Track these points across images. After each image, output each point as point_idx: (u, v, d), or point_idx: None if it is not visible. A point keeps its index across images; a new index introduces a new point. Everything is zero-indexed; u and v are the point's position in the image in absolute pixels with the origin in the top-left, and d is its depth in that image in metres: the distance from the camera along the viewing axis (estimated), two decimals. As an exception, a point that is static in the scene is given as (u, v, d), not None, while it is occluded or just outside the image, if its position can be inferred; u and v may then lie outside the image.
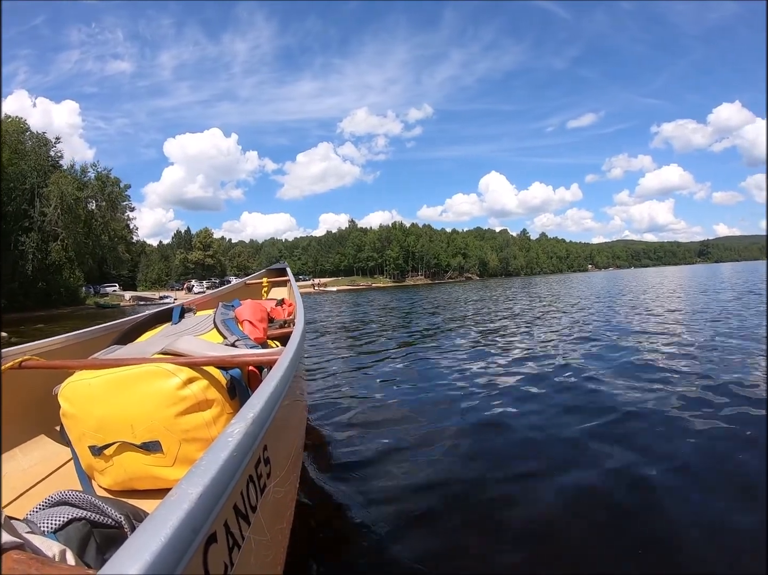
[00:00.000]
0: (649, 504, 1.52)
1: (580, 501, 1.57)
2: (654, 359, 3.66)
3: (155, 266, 65.96)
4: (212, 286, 53.77)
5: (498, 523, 1.44)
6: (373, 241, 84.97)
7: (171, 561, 0.35)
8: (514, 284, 31.00)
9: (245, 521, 0.54)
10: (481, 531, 1.41)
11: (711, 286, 13.20)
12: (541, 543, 1.35)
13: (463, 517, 1.49)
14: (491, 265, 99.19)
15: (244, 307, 1.54)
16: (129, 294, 42.60)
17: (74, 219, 31.88)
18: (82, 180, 35.17)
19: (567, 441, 2.07)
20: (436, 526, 1.44)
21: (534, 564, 1.27)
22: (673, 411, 2.37)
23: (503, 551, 1.31)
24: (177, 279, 63.46)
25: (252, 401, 0.66)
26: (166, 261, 68.65)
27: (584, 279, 34.76)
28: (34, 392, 1.36)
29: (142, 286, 61.05)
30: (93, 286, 41.89)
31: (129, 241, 47.68)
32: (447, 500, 1.59)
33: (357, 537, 1.40)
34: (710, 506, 1.48)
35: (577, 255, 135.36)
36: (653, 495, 1.57)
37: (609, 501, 1.55)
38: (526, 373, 3.41)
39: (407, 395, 3.02)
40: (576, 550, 1.32)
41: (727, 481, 1.64)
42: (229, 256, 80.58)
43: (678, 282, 18.10)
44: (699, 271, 34.42)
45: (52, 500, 0.71)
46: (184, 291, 51.40)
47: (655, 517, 1.43)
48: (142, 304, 36.64)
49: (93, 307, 32.32)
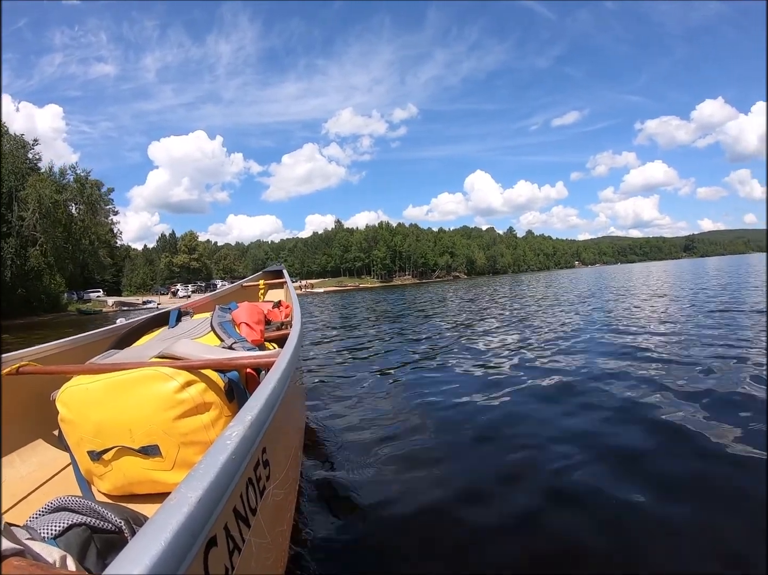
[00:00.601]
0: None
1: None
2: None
3: (140, 271, 64.85)
4: (198, 289, 53.11)
5: (495, 529, 1.42)
6: (360, 241, 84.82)
7: (172, 565, 0.35)
8: (507, 281, 30.79)
9: (245, 524, 0.54)
10: (485, 532, 1.40)
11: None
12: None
13: (467, 517, 1.48)
14: (479, 263, 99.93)
15: (241, 309, 1.54)
16: (112, 300, 41.84)
17: (53, 223, 30.92)
18: (61, 183, 34.13)
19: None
20: (439, 527, 1.45)
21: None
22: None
23: (505, 552, 1.31)
24: (162, 283, 62.53)
25: (250, 404, 0.66)
26: (151, 265, 67.55)
27: (573, 276, 35.03)
28: (32, 397, 1.36)
29: (127, 291, 59.96)
30: (76, 292, 40.92)
31: (113, 245, 46.66)
32: (451, 500, 1.59)
33: (358, 537, 1.40)
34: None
35: (563, 252, 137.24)
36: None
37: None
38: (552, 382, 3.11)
39: (404, 394, 3.02)
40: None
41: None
42: (215, 259, 79.62)
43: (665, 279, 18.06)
44: (685, 267, 34.83)
45: (51, 506, 0.71)
46: (169, 296, 50.47)
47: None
48: (125, 310, 36.01)
49: (75, 313, 31.49)
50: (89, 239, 35.33)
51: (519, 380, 3.13)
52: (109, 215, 39.25)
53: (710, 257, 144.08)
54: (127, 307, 38.21)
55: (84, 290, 43.84)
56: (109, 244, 42.52)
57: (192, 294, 48.19)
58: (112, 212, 39.91)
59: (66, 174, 35.34)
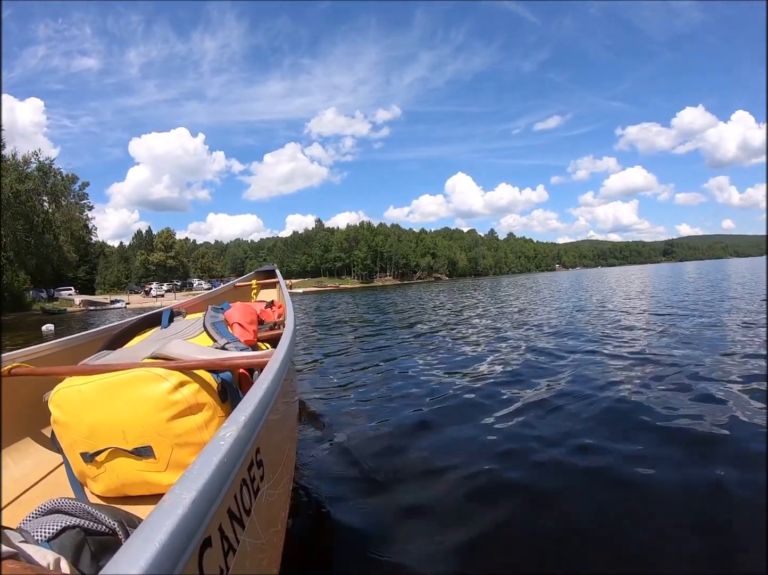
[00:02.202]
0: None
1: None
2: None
3: (114, 269, 62.20)
4: (173, 288, 51.38)
5: (495, 528, 1.45)
6: (341, 241, 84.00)
7: (166, 567, 0.35)
8: (492, 284, 30.77)
9: (239, 524, 0.54)
10: (480, 533, 1.41)
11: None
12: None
13: (462, 516, 1.50)
14: (460, 265, 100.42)
15: (234, 309, 1.53)
16: (80, 299, 38.93)
17: (14, 215, 28.79)
18: (25, 172, 31.70)
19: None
20: (434, 526, 1.46)
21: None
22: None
23: (503, 554, 1.34)
24: (138, 282, 60.00)
25: (243, 404, 0.66)
26: (126, 263, 65.00)
27: (554, 279, 35.66)
28: (24, 399, 1.34)
29: (100, 289, 57.38)
30: (46, 289, 38.31)
31: (88, 242, 44.57)
32: (444, 499, 1.61)
33: (353, 537, 1.41)
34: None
35: (544, 255, 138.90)
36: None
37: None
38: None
39: (400, 394, 3.06)
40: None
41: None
42: (193, 257, 77.47)
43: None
44: (664, 271, 35.20)
45: (44, 508, 0.70)
46: (142, 294, 48.38)
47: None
48: (92, 309, 34.09)
49: (39, 312, 29.41)
50: (53, 233, 33.02)
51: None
52: (84, 209, 37.36)
53: (689, 262, 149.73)
54: (94, 306, 35.95)
55: (54, 288, 41.05)
56: (84, 240, 40.52)
57: (166, 293, 46.44)
58: (87, 206, 38.00)
59: (30, 163, 32.84)
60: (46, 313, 28.84)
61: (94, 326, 2.69)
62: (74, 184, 35.99)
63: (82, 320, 19.17)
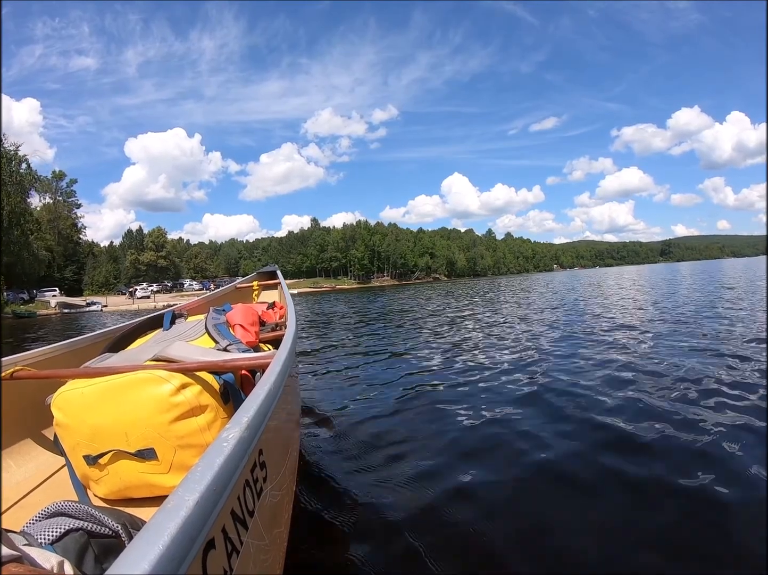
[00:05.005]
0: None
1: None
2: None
3: (102, 269, 60.29)
4: (163, 289, 49.94)
5: (495, 528, 1.45)
6: (337, 240, 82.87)
7: (170, 569, 0.35)
8: (500, 285, 28.61)
9: (243, 526, 0.54)
10: (482, 533, 1.41)
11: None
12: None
13: (464, 516, 1.50)
14: (459, 265, 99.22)
15: (236, 311, 1.53)
16: (55, 301, 36.10)
17: None
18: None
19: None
20: (437, 525, 1.46)
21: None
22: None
23: (506, 554, 1.34)
24: (127, 282, 58.20)
25: (246, 406, 0.66)
26: (115, 263, 63.56)
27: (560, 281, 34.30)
28: (27, 402, 1.34)
29: (88, 290, 55.82)
30: (28, 290, 36.34)
31: (76, 241, 43.36)
32: (447, 498, 1.61)
33: (356, 537, 1.41)
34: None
35: (543, 255, 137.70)
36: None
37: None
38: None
39: (402, 394, 3.07)
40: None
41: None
42: (186, 257, 76.45)
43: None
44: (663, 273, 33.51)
45: (48, 511, 0.70)
46: (126, 295, 45.55)
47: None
48: (66, 312, 32.08)
49: (10, 316, 27.04)
50: (21, 229, 29.84)
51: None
52: (72, 208, 36.21)
53: (686, 262, 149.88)
54: (69, 309, 33.27)
55: (38, 289, 38.65)
56: (72, 239, 39.23)
57: (153, 295, 44.39)
58: (75, 204, 36.72)
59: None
60: (17, 316, 26.99)
61: (47, 340, 2.60)
62: (62, 180, 34.05)
63: (44, 327, 17.06)
